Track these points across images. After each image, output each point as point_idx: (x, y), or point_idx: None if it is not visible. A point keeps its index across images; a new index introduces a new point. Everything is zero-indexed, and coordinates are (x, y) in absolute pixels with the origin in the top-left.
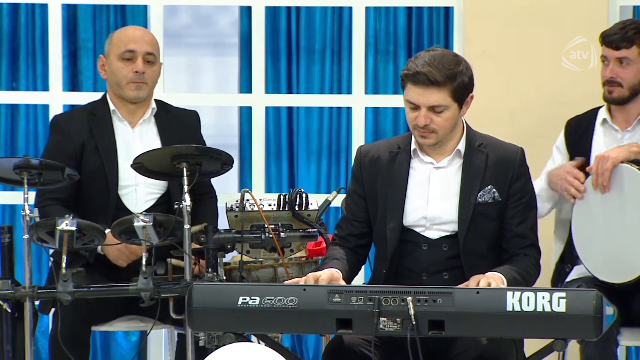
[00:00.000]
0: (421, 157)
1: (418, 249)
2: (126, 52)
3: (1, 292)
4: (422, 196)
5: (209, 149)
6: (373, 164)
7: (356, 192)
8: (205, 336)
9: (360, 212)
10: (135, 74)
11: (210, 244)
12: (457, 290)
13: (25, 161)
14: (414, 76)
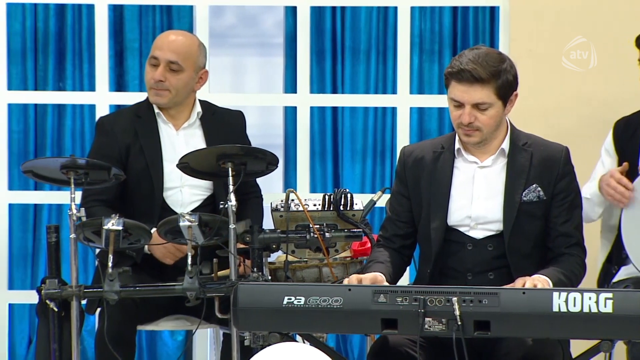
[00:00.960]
0: (465, 157)
1: (463, 248)
2: (152, 58)
3: (48, 292)
4: (466, 195)
5: (254, 149)
6: (417, 164)
7: (400, 193)
8: (251, 336)
9: (405, 213)
10: (154, 81)
11: (256, 243)
12: (503, 291)
13: (71, 161)
14: (458, 74)
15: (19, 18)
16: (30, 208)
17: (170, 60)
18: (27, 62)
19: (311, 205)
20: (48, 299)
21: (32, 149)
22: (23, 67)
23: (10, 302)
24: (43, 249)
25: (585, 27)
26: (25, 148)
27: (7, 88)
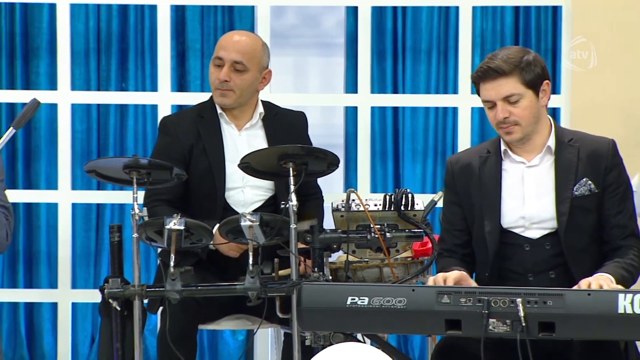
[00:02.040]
0: (512, 158)
1: (520, 250)
2: (216, 58)
3: (111, 291)
4: (517, 196)
5: (315, 149)
6: (464, 171)
7: (452, 201)
8: (312, 335)
9: (459, 221)
10: (219, 81)
11: (317, 243)
12: (568, 292)
13: (134, 161)
14: (482, 74)
15: (82, 19)
16: (93, 208)
17: (235, 61)
18: (90, 62)
19: (372, 205)
20: (111, 298)
21: (94, 148)
22: (86, 68)
23: (73, 301)
24: (106, 248)
25: None
26: (88, 148)
27: (71, 88)
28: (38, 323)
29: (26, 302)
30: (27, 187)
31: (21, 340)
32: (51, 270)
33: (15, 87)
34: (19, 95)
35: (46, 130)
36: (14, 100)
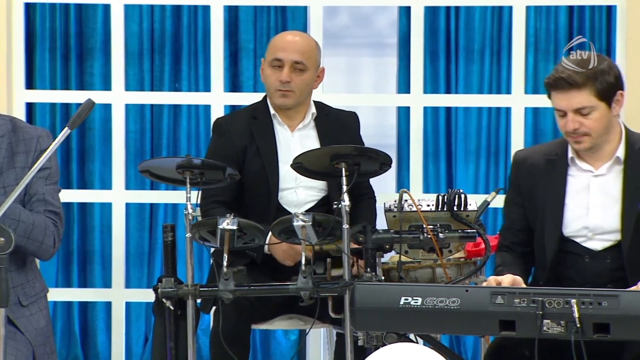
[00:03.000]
0: (579, 165)
1: (580, 260)
2: (275, 60)
3: (164, 290)
4: (581, 205)
5: (368, 149)
6: (530, 173)
7: (514, 201)
8: (364, 336)
9: (521, 221)
10: (281, 82)
11: (369, 243)
12: (623, 293)
13: (187, 161)
14: (554, 83)
15: (136, 19)
16: (146, 207)
17: (296, 61)
18: (144, 63)
19: (425, 205)
20: (164, 298)
21: (148, 149)
22: (140, 68)
23: (127, 301)
24: (159, 248)
25: None
26: (142, 148)
27: (125, 89)
28: (92, 322)
29: (80, 302)
30: (82, 187)
31: (75, 340)
32: (105, 270)
33: (70, 88)
34: (74, 96)
35: (100, 130)
36: (69, 100)
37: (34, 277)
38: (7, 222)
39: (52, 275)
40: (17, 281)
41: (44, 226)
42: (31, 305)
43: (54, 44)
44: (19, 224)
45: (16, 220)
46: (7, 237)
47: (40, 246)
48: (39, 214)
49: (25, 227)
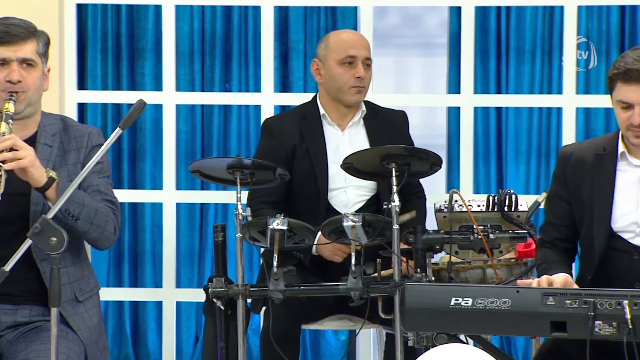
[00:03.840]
0: (629, 160)
1: (628, 257)
2: (347, 57)
3: (215, 290)
4: (631, 201)
5: (418, 150)
6: (577, 167)
7: (559, 196)
8: (415, 336)
9: (565, 217)
10: (357, 79)
11: (419, 244)
12: None
13: (238, 161)
14: (625, 74)
15: (187, 20)
16: (196, 207)
17: (367, 57)
18: (195, 63)
19: (475, 206)
20: (215, 298)
21: (198, 149)
22: (190, 69)
23: (177, 300)
24: (209, 247)
25: None
26: (192, 148)
27: (175, 89)
28: (143, 322)
29: (131, 301)
30: (133, 187)
31: (126, 339)
32: (156, 270)
33: (121, 88)
34: (125, 96)
35: (151, 130)
36: (120, 100)
37: (89, 273)
38: (72, 205)
39: (104, 275)
40: (74, 276)
41: (105, 212)
42: (86, 301)
43: (105, 45)
44: (83, 207)
45: (81, 204)
46: (59, 237)
47: (103, 232)
48: (99, 202)
49: (89, 212)
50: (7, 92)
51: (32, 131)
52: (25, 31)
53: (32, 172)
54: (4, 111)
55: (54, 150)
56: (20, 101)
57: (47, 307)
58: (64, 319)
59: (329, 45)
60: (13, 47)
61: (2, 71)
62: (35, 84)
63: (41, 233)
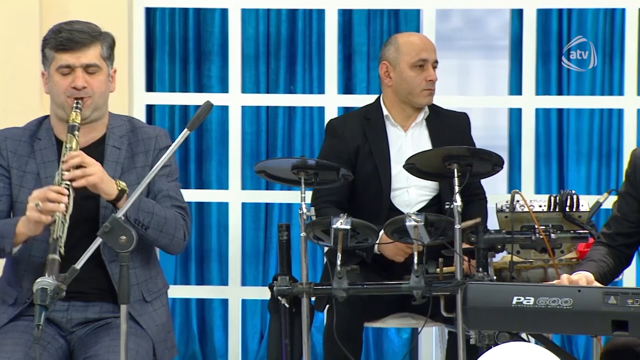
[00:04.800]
0: None
1: None
2: (419, 60)
3: (280, 288)
4: None
5: (480, 150)
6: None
7: (629, 194)
8: (476, 334)
9: (632, 213)
10: (429, 82)
11: (481, 243)
12: None
13: (302, 161)
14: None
15: (253, 23)
16: (262, 207)
17: (436, 60)
18: (260, 66)
19: (536, 206)
20: (280, 296)
21: (263, 149)
22: (256, 71)
23: (243, 298)
24: (274, 246)
25: None
26: (258, 149)
27: (241, 91)
28: (209, 319)
29: (198, 299)
30: (199, 186)
31: (193, 336)
32: (222, 268)
33: (188, 90)
34: (192, 98)
35: (217, 131)
36: (187, 102)
37: (157, 274)
38: (141, 215)
39: (171, 273)
40: (142, 278)
41: (175, 220)
42: (154, 301)
43: (173, 48)
44: (153, 216)
45: (150, 213)
46: (128, 235)
47: (172, 239)
48: (169, 209)
49: (159, 220)
50: (72, 99)
51: (100, 133)
52: (89, 36)
53: (102, 187)
54: (70, 122)
55: (122, 153)
56: (87, 107)
57: (117, 304)
58: (133, 318)
59: (400, 48)
60: (76, 54)
61: (67, 78)
62: (101, 89)
63: (111, 232)
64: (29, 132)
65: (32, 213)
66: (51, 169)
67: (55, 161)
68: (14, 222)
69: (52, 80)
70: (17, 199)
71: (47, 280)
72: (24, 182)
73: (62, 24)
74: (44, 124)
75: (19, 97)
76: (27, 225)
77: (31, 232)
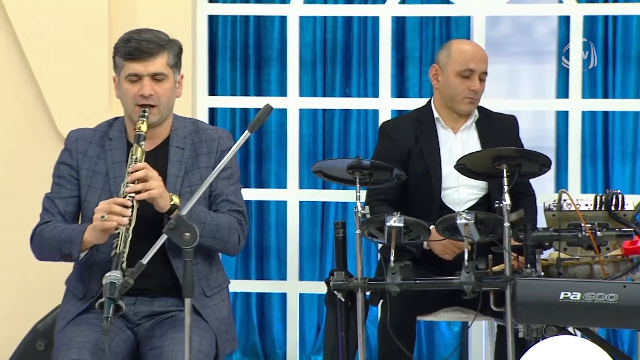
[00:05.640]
0: None
1: None
2: (466, 70)
3: (336, 283)
4: None
5: (528, 151)
6: None
7: None
8: (525, 328)
9: None
10: (472, 91)
11: (529, 241)
12: None
13: (357, 162)
14: None
15: (310, 30)
16: (318, 205)
17: (484, 71)
18: (317, 70)
19: (583, 205)
20: (336, 290)
21: (320, 150)
22: (313, 76)
23: (300, 292)
24: (330, 243)
25: None
26: (314, 150)
27: (299, 95)
28: (268, 312)
29: (257, 292)
30: (259, 186)
31: (253, 328)
32: (280, 263)
33: (249, 94)
34: (252, 101)
35: (276, 133)
36: (247, 105)
37: (217, 270)
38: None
39: (232, 268)
40: (202, 273)
41: (228, 225)
42: (214, 296)
43: (234, 54)
44: (205, 226)
45: (202, 222)
46: (192, 232)
47: (226, 244)
48: (223, 214)
49: (211, 229)
50: (139, 106)
51: (165, 134)
52: (156, 46)
53: (159, 201)
54: (136, 131)
55: (185, 153)
56: (153, 114)
57: (181, 298)
58: (196, 310)
59: (451, 54)
60: (144, 63)
61: (134, 86)
62: (167, 96)
63: (175, 229)
64: (100, 133)
65: (97, 223)
66: (120, 169)
67: (124, 162)
68: (82, 230)
69: (121, 87)
70: (86, 199)
71: (115, 274)
72: (93, 182)
73: (132, 32)
74: (115, 125)
75: (88, 99)
76: (93, 234)
77: (97, 240)
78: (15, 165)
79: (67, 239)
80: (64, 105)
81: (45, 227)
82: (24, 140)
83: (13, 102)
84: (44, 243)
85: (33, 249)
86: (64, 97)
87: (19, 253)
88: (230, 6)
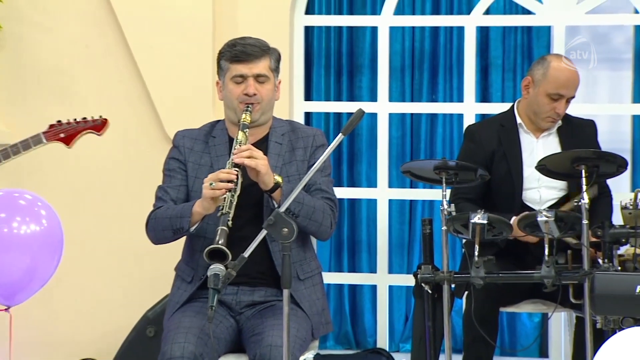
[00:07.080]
0: None
1: None
2: (556, 94)
3: (423, 276)
4: None
5: (606, 153)
6: None
7: None
8: (603, 319)
9: None
10: (555, 113)
11: (607, 237)
12: None
13: (443, 163)
14: None
15: (399, 39)
16: (406, 203)
17: (573, 96)
18: (405, 77)
19: None
20: (423, 283)
21: (408, 152)
22: (402, 82)
23: (390, 284)
24: (417, 239)
25: None
26: (403, 151)
27: (388, 100)
28: (360, 303)
29: (349, 284)
30: (351, 185)
31: (345, 318)
32: (371, 257)
33: (342, 99)
34: (345, 106)
35: (367, 136)
36: (341, 110)
37: (311, 257)
38: (292, 204)
39: (326, 261)
40: (296, 258)
41: (323, 209)
42: (306, 280)
43: (328, 62)
44: (303, 206)
45: (300, 203)
46: (290, 227)
47: (320, 227)
48: (318, 199)
49: (308, 209)
50: (244, 104)
51: (264, 132)
52: (260, 50)
53: (264, 177)
54: (241, 121)
55: (283, 147)
56: (256, 111)
57: (279, 288)
58: (293, 299)
59: (547, 73)
60: (249, 65)
61: (240, 86)
62: (268, 96)
63: (274, 224)
64: (204, 132)
65: (207, 191)
66: (223, 162)
67: (226, 155)
68: (191, 204)
69: (226, 88)
70: (192, 189)
71: (219, 267)
72: (198, 173)
73: (236, 39)
74: (217, 125)
75: (194, 103)
76: (202, 204)
77: (206, 210)
78: (128, 166)
79: (177, 215)
80: (172, 111)
81: (158, 211)
82: (135, 144)
83: (125, 109)
84: (157, 224)
85: (148, 233)
86: (172, 104)
87: (133, 247)
88: (325, 17)
